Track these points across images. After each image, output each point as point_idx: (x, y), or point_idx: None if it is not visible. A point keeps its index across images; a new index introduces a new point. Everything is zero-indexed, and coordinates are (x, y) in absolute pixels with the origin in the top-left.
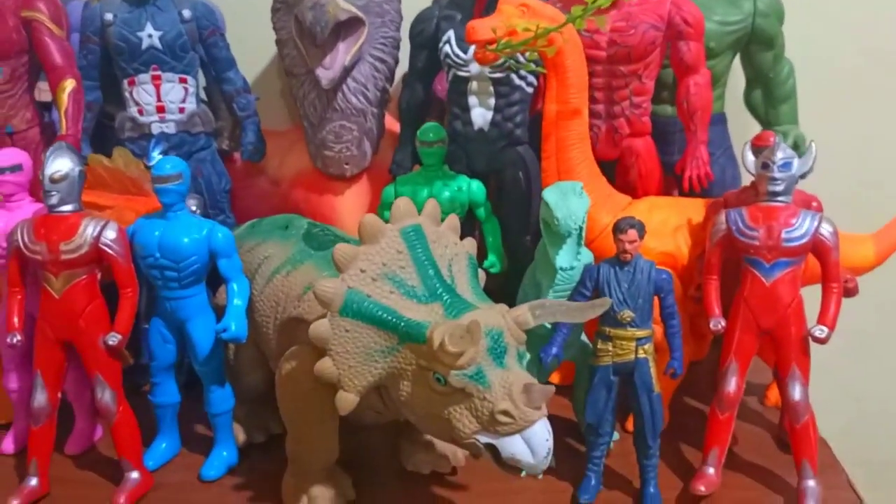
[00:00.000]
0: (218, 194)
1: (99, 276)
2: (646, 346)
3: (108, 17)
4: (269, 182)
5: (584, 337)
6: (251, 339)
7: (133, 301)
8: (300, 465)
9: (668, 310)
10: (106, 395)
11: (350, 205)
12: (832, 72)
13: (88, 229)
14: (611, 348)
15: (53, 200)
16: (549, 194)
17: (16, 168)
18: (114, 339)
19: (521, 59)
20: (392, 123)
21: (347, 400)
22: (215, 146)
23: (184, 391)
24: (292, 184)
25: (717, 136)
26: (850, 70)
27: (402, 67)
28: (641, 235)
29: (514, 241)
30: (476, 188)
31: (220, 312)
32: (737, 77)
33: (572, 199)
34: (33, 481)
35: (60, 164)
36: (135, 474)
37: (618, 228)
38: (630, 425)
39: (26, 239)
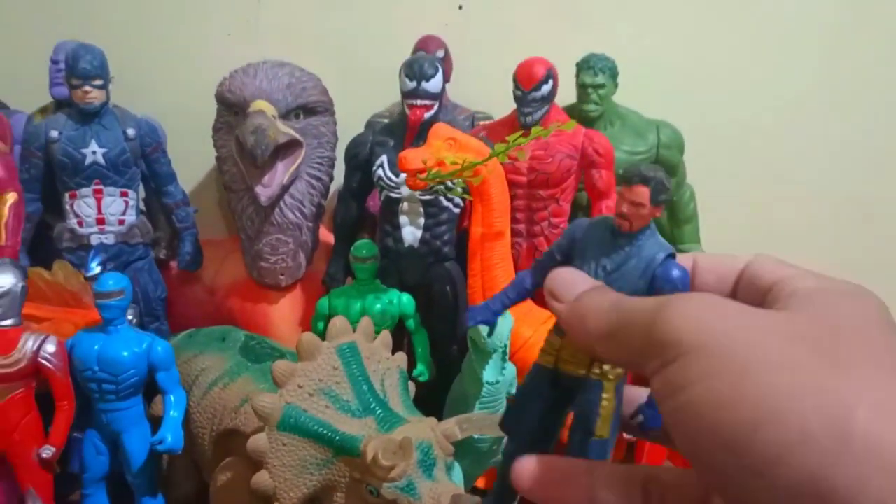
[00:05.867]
0: (154, 302)
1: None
2: None
3: (54, 134)
4: (205, 290)
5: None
6: (186, 450)
7: (69, 415)
8: None
9: None
10: None
11: (283, 314)
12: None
13: (28, 344)
14: None
15: None
16: None
17: None
18: (48, 451)
19: (450, 185)
20: (326, 236)
21: None
22: (152, 255)
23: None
24: (227, 292)
25: None
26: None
27: (336, 183)
28: (654, 201)
29: (441, 351)
30: (406, 301)
31: (154, 423)
32: None
33: (497, 318)
34: None
35: (3, 279)
36: None
37: (624, 179)
38: None
39: None
